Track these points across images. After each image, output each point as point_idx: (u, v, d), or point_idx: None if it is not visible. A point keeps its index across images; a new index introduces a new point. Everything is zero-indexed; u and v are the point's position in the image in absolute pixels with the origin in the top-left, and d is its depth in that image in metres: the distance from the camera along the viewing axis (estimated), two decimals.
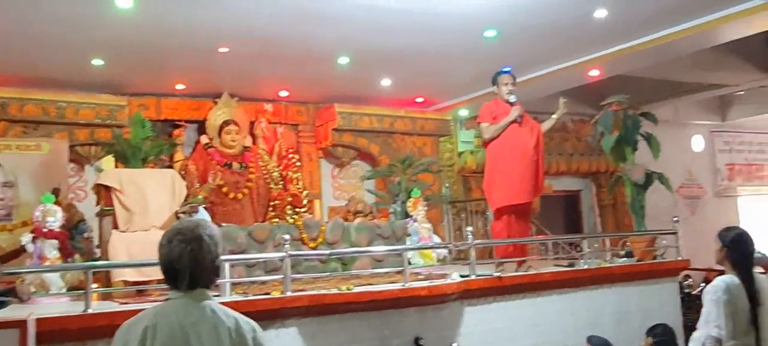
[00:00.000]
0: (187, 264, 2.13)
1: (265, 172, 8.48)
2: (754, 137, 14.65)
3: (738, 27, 6.85)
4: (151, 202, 5.33)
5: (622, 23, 6.74)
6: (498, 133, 6.01)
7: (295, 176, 8.57)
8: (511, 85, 6.12)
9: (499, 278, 5.35)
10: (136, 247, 5.10)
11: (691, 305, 8.79)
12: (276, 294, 4.58)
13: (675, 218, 6.62)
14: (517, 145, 5.95)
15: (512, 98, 6.05)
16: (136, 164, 5.76)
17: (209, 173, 7.71)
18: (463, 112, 10.00)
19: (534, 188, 5.97)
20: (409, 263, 6.08)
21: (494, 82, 6.19)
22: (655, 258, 6.56)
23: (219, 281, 4.48)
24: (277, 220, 7.69)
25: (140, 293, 4.88)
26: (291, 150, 8.91)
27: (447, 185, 10.06)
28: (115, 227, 5.35)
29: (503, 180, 5.91)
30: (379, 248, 6.06)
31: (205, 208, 6.33)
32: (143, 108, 7.97)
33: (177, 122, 8.40)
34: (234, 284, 4.81)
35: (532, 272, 5.75)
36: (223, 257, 4.65)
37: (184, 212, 5.35)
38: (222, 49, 6.78)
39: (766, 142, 14.92)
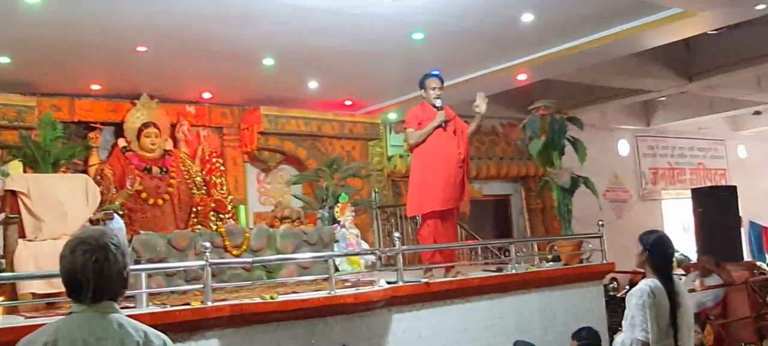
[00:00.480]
0: (92, 275, 2.04)
1: (187, 177, 8.31)
2: (676, 142, 15.37)
3: (659, 34, 7.16)
4: (61, 209, 5.09)
5: (549, 28, 6.93)
6: (422, 138, 6.06)
7: (219, 180, 8.44)
8: (439, 89, 6.16)
9: (427, 284, 5.37)
10: (45, 257, 4.87)
11: (617, 308, 9.12)
12: (196, 305, 4.46)
13: (600, 222, 6.83)
14: (442, 150, 6.01)
15: (438, 103, 6.11)
16: (46, 169, 5.51)
17: (127, 178, 7.49)
18: (393, 116, 10.06)
19: (459, 194, 6.04)
20: (337, 270, 6.06)
21: (421, 85, 6.26)
22: (581, 262, 6.74)
23: (134, 292, 4.35)
24: (199, 227, 7.55)
25: (50, 305, 4.66)
26: (215, 154, 8.76)
27: (376, 189, 10.09)
28: (22, 235, 5.10)
29: (428, 186, 5.96)
30: (304, 255, 6.01)
31: (121, 215, 6.13)
32: (55, 109, 7.61)
33: (92, 124, 8.08)
34: (151, 295, 4.66)
35: (460, 277, 5.81)
36: (139, 267, 4.57)
37: (97, 220, 5.15)
38: (140, 49, 6.59)
39: (687, 146, 15.68)
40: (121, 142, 8.06)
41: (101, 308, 2.09)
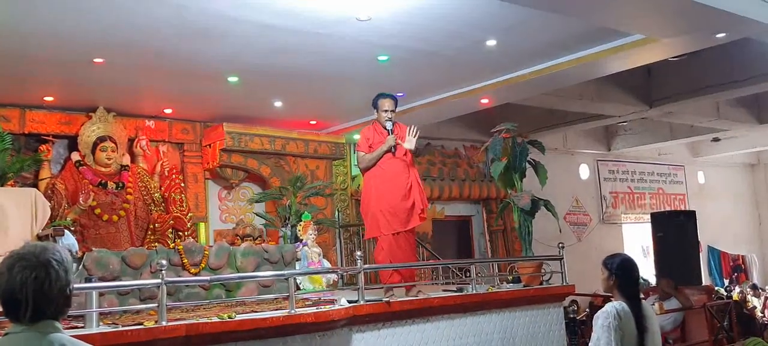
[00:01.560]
0: (31, 293, 1.94)
1: (144, 193, 8.16)
2: (636, 167, 15.64)
3: (621, 60, 7.28)
4: (6, 224, 4.91)
5: (512, 53, 7.01)
6: (372, 163, 5.96)
7: (178, 197, 8.30)
8: (391, 110, 6.00)
9: (388, 303, 5.33)
10: None
11: (577, 330, 9.18)
12: (150, 324, 4.33)
13: (561, 244, 6.87)
14: (390, 175, 5.91)
15: (389, 125, 5.97)
16: None
17: (80, 193, 7.31)
18: (357, 136, 10.00)
19: (408, 217, 5.92)
20: (298, 289, 5.99)
21: (374, 105, 6.12)
22: (541, 283, 6.75)
23: (84, 311, 4.21)
24: (156, 244, 7.40)
25: None
26: (175, 170, 8.62)
27: (339, 208, 10.04)
28: None
29: (376, 211, 5.90)
30: (264, 273, 5.92)
31: (73, 231, 5.96)
32: (4, 120, 7.39)
33: (44, 137, 7.85)
34: (102, 315, 4.52)
35: (421, 296, 5.77)
36: (89, 285, 4.42)
37: (47, 236, 4.99)
38: (97, 61, 6.44)
39: (647, 172, 15.96)
40: (75, 156, 7.87)
41: (41, 328, 1.98)
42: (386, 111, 6.00)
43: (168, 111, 8.62)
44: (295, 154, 9.52)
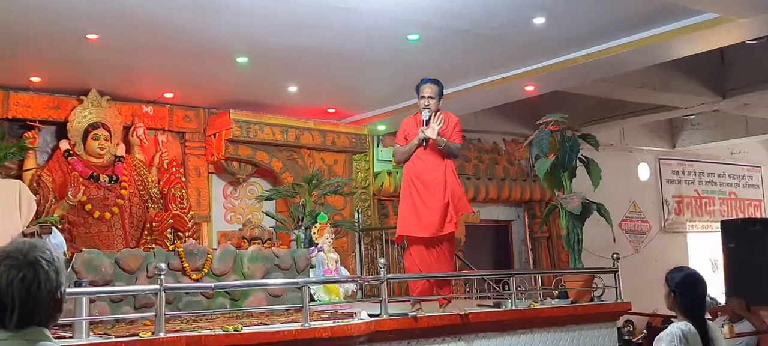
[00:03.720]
0: (17, 296, 1.99)
1: (141, 187, 8.30)
2: (704, 167, 15.45)
3: (689, 43, 7.18)
4: None
5: (562, 33, 6.96)
6: (405, 157, 6.01)
7: (178, 193, 8.43)
8: (429, 97, 5.92)
9: (414, 318, 5.35)
10: None
11: None
12: (146, 336, 4.43)
13: (616, 255, 6.84)
14: (420, 172, 5.92)
15: (425, 114, 5.92)
16: None
17: (69, 187, 7.44)
18: (381, 127, 10.07)
19: (441, 223, 5.88)
20: (312, 299, 6.06)
21: (417, 91, 6.13)
22: (592, 300, 6.74)
23: (73, 319, 4.30)
24: (154, 246, 7.51)
25: None
26: (175, 162, 8.74)
27: (360, 209, 10.08)
28: None
29: (406, 210, 5.94)
30: (275, 281, 6.01)
31: (61, 229, 6.08)
32: None
33: (30, 122, 7.99)
34: (93, 324, 4.61)
35: (454, 312, 5.79)
36: (79, 290, 4.51)
37: (32, 233, 5.10)
38: (90, 37, 6.54)
39: (718, 173, 15.76)
40: (64, 145, 8.01)
41: (28, 335, 2.03)
42: (423, 97, 5.95)
43: (168, 95, 8.73)
44: (310, 146, 9.58)
